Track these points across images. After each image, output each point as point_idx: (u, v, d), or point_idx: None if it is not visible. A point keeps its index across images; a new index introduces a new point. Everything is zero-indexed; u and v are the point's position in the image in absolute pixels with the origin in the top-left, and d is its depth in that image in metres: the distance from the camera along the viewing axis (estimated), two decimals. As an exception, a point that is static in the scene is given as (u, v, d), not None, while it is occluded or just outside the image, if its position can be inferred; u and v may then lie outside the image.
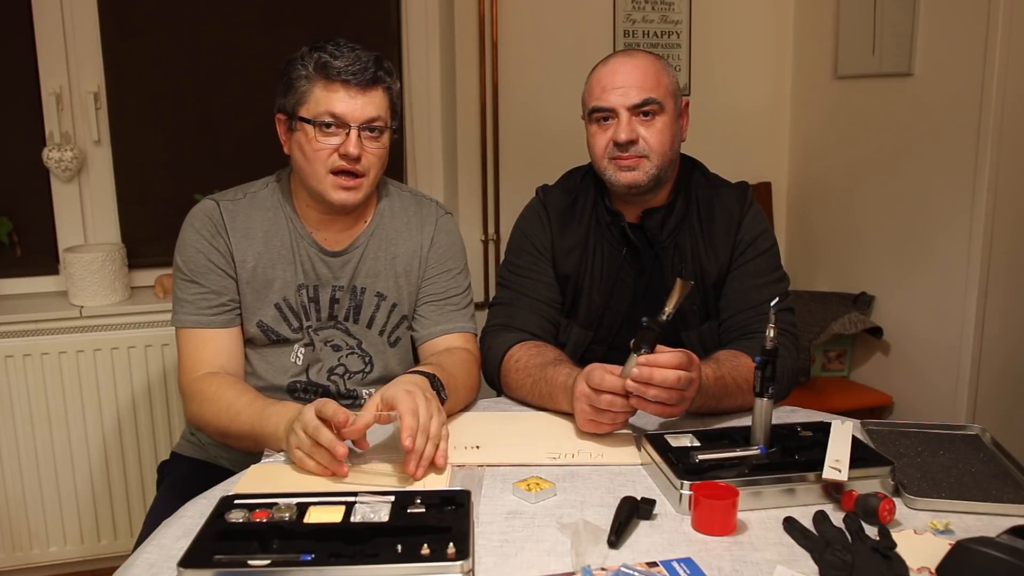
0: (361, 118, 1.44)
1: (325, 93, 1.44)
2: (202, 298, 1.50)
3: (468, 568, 0.94)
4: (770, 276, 1.60)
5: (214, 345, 1.50)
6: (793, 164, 3.02)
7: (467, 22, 2.57)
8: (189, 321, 1.50)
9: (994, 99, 2.22)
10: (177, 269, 1.54)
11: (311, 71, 1.44)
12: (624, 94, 1.51)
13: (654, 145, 1.53)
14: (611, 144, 1.53)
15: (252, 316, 1.53)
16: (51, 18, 2.33)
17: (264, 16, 2.54)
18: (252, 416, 1.36)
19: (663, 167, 1.55)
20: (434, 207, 1.66)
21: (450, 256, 1.63)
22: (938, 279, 2.44)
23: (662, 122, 1.53)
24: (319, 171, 1.46)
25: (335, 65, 1.43)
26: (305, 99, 1.45)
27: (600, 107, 1.53)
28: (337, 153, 1.45)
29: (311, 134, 1.45)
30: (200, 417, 1.45)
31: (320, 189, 1.48)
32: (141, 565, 0.99)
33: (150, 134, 2.49)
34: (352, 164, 1.45)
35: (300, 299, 1.55)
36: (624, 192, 1.56)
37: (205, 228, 1.52)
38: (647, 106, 1.51)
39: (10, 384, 2.24)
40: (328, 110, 1.43)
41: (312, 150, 1.45)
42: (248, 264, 1.52)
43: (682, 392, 1.26)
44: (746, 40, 2.92)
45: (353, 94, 1.44)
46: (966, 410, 2.38)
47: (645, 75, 1.52)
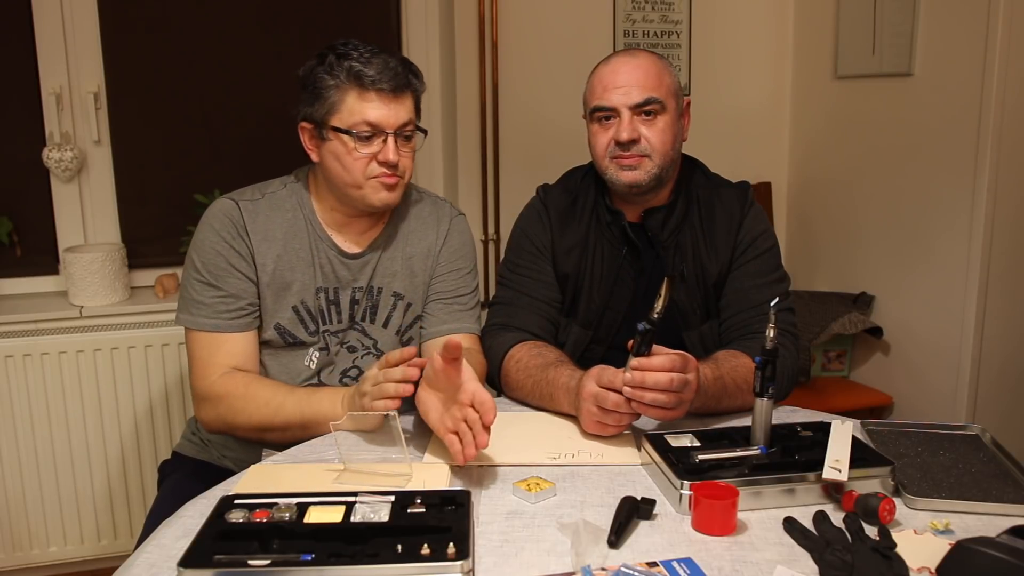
0: (395, 124, 1.45)
1: (359, 102, 1.43)
2: (220, 302, 1.48)
3: (468, 568, 0.94)
4: (770, 276, 1.60)
5: (230, 348, 1.48)
6: (793, 164, 3.02)
7: (467, 22, 2.57)
8: (207, 325, 1.47)
9: (994, 99, 2.22)
10: (193, 269, 1.50)
11: (342, 80, 1.43)
12: (626, 93, 1.51)
13: (656, 144, 1.53)
14: (612, 143, 1.53)
15: (270, 319, 1.52)
16: (51, 18, 2.33)
17: (264, 16, 2.54)
18: (299, 403, 1.39)
19: (664, 166, 1.55)
20: (448, 207, 1.67)
21: (461, 256, 1.64)
22: (938, 279, 2.44)
23: (664, 121, 1.53)
24: (359, 179, 1.46)
25: (368, 74, 1.42)
26: (337, 108, 1.44)
27: (602, 106, 1.53)
28: (376, 161, 1.45)
29: (349, 144, 1.44)
30: (228, 418, 1.44)
31: (359, 195, 1.48)
32: (141, 565, 0.99)
33: (150, 134, 2.49)
34: (392, 171, 1.46)
35: (318, 302, 1.54)
36: (625, 191, 1.56)
37: (225, 229, 1.49)
38: (649, 105, 1.51)
39: (10, 384, 2.24)
40: (364, 119, 1.43)
41: (352, 160, 1.45)
42: (268, 267, 1.51)
43: (678, 394, 1.26)
44: (746, 40, 2.92)
45: (387, 101, 1.44)
46: (966, 410, 2.38)
47: (647, 74, 1.52)
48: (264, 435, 1.44)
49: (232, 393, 1.43)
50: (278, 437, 1.43)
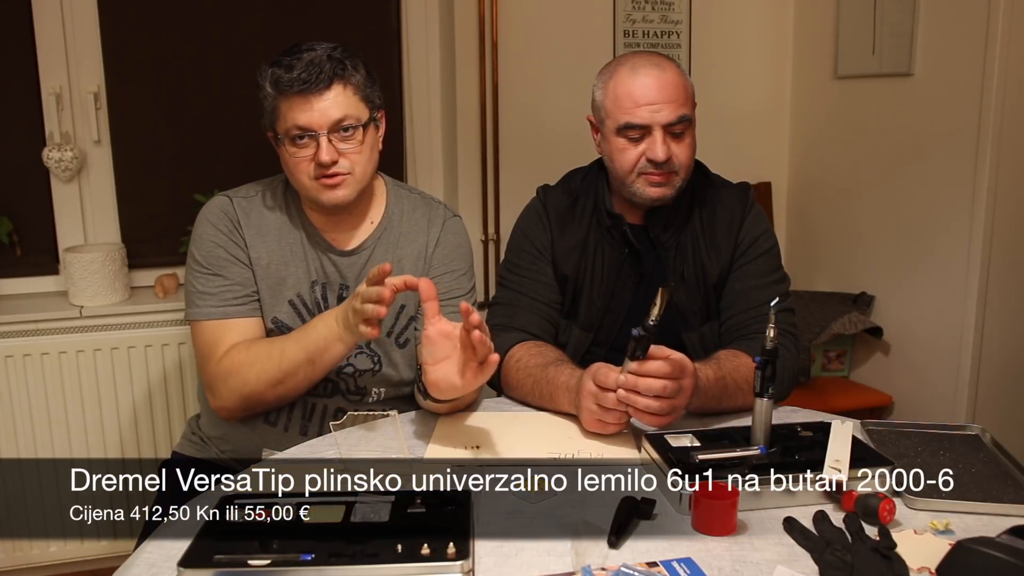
0: (326, 123, 1.44)
1: (286, 108, 1.45)
2: (227, 289, 1.50)
3: (468, 568, 0.94)
4: (771, 276, 1.59)
5: (239, 332, 1.50)
6: (793, 164, 3.02)
7: (467, 22, 2.57)
8: (215, 313, 1.49)
9: (994, 99, 2.22)
10: (195, 263, 1.52)
11: (269, 89, 1.46)
12: (659, 111, 1.49)
13: (684, 161, 1.53)
14: (644, 160, 1.52)
15: (268, 313, 1.54)
16: (51, 18, 2.33)
17: (264, 16, 2.53)
18: (299, 341, 1.43)
19: (687, 179, 1.56)
20: (442, 209, 1.66)
21: (455, 257, 1.63)
22: (938, 279, 2.44)
23: (691, 136, 1.53)
24: (304, 181, 1.48)
25: (285, 78, 1.43)
26: (275, 116, 1.47)
27: (634, 124, 1.51)
28: (314, 162, 1.46)
29: (288, 149, 1.47)
30: (241, 389, 1.45)
31: (311, 196, 1.50)
32: (141, 565, 1.00)
33: (150, 134, 2.49)
34: (330, 170, 1.46)
35: (314, 295, 1.56)
36: (649, 205, 1.56)
37: (222, 223, 1.52)
38: (679, 124, 1.51)
39: (10, 384, 2.24)
40: (294, 124, 1.44)
41: (293, 164, 1.47)
42: (263, 261, 1.53)
43: (671, 401, 1.26)
44: (746, 40, 2.92)
45: (311, 102, 1.43)
46: (966, 410, 2.38)
47: (677, 90, 1.51)
48: (279, 391, 1.46)
49: (237, 361, 1.45)
50: (293, 387, 1.45)
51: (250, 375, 1.44)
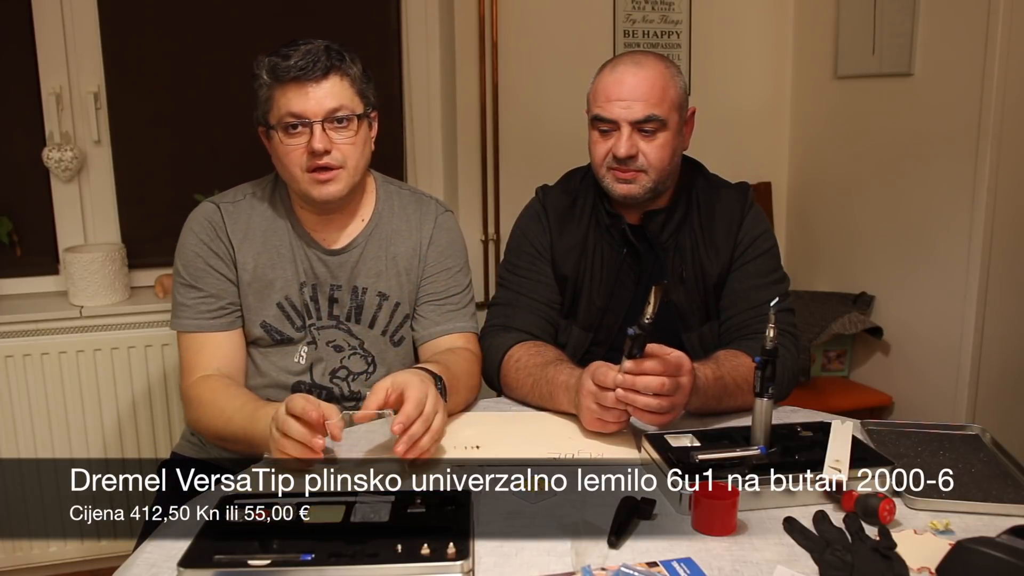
0: (321, 112, 1.44)
1: (283, 96, 1.44)
2: (201, 302, 1.51)
3: (468, 568, 0.94)
4: (770, 276, 1.59)
5: (212, 349, 1.51)
6: (793, 164, 3.02)
7: (467, 22, 2.57)
8: (189, 325, 1.52)
9: (994, 99, 2.22)
10: (176, 273, 1.55)
11: (265, 78, 1.46)
12: (627, 107, 1.49)
13: (653, 160, 1.52)
14: (610, 155, 1.53)
15: (255, 317, 1.53)
16: (51, 18, 2.33)
17: (264, 16, 2.53)
18: (244, 420, 1.37)
19: (660, 180, 1.55)
20: (434, 205, 1.65)
21: (449, 254, 1.63)
22: (938, 279, 2.44)
23: (664, 138, 1.51)
24: (296, 173, 1.47)
25: (283, 65, 1.43)
26: (269, 107, 1.47)
27: (602, 117, 1.52)
28: (307, 152, 1.45)
29: (280, 138, 1.46)
30: (197, 422, 1.48)
31: (302, 190, 1.49)
32: (141, 565, 1.00)
33: (150, 134, 2.49)
34: (322, 159, 1.45)
35: (302, 297, 1.55)
36: (620, 201, 1.57)
37: (204, 231, 1.53)
38: (649, 123, 1.50)
39: (10, 384, 2.24)
40: (288, 111, 1.44)
41: (284, 153, 1.46)
42: (249, 265, 1.53)
43: (670, 398, 1.26)
44: (746, 40, 2.92)
45: (308, 89, 1.44)
46: (966, 410, 2.38)
47: (651, 88, 1.50)
48: (224, 444, 1.46)
49: (200, 398, 1.46)
50: (233, 448, 1.44)
51: (203, 418, 1.45)
